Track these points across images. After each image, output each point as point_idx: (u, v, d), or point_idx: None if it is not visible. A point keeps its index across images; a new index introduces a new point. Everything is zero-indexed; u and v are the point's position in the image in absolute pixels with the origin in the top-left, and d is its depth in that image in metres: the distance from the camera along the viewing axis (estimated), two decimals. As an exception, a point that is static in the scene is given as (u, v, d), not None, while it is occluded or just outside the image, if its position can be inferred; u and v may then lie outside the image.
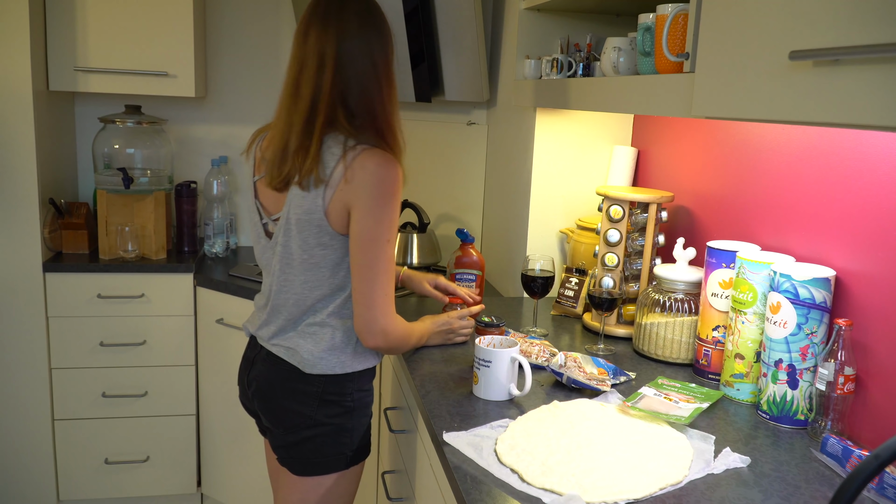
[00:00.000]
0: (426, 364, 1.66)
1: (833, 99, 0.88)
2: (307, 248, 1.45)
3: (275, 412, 1.53)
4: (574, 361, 1.61)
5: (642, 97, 1.44)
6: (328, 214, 1.41)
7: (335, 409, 1.50)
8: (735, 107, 1.09)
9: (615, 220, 1.88)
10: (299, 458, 1.53)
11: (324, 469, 1.53)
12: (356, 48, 1.42)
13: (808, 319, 1.37)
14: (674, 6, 1.33)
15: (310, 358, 1.48)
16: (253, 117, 2.97)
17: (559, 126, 2.24)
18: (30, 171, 2.41)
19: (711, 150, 1.86)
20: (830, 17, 0.88)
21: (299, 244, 1.45)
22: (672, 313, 1.71)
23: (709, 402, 1.48)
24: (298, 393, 1.50)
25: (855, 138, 1.38)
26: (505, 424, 1.35)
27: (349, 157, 1.39)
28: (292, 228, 1.45)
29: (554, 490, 1.13)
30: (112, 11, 2.51)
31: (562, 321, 2.06)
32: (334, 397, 1.50)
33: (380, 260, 1.42)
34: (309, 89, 1.42)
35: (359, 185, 1.39)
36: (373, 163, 1.39)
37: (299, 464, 1.53)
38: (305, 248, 1.45)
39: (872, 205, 1.34)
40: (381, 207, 1.40)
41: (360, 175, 1.38)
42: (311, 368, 1.48)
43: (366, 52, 1.42)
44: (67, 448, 2.59)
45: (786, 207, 1.57)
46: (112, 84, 2.56)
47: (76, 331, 2.52)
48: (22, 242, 2.44)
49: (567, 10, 2.14)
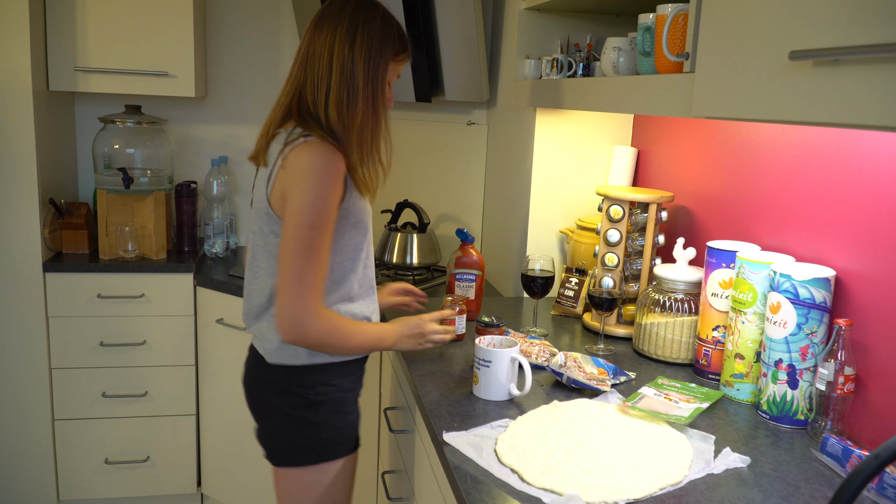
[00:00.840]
0: (426, 364, 1.65)
1: (833, 99, 0.88)
2: (262, 236, 1.49)
3: (250, 399, 1.59)
4: (574, 361, 1.61)
5: (642, 97, 1.44)
6: (271, 202, 1.44)
7: (298, 400, 1.50)
8: (735, 107, 1.09)
9: (615, 220, 1.88)
10: (271, 447, 1.57)
11: (293, 460, 1.54)
12: (319, 44, 1.45)
13: (808, 319, 1.37)
14: (674, 6, 1.33)
15: (269, 347, 1.50)
16: (253, 117, 2.97)
17: (559, 126, 2.24)
18: (30, 171, 2.41)
19: (711, 150, 1.86)
20: (830, 17, 0.88)
21: (257, 231, 1.50)
22: (672, 313, 1.71)
23: (709, 401, 1.48)
24: (266, 381, 1.54)
25: (855, 138, 1.38)
26: (505, 424, 1.35)
27: (289, 147, 1.41)
28: (253, 215, 1.52)
29: (554, 490, 1.13)
30: (112, 11, 2.51)
31: (562, 321, 2.06)
32: (297, 388, 1.50)
33: (297, 245, 1.38)
34: (287, 80, 1.51)
35: (291, 171, 1.40)
36: (307, 152, 1.39)
37: (271, 452, 1.57)
38: (261, 235, 1.49)
39: (872, 205, 1.34)
40: (305, 192, 1.38)
41: (294, 162, 1.40)
42: (270, 358, 1.50)
43: (329, 48, 1.44)
44: (67, 448, 2.59)
45: (786, 207, 1.57)
46: (112, 84, 2.56)
47: (76, 331, 2.52)
48: (22, 242, 2.44)
49: (567, 10, 2.14)
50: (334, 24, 1.45)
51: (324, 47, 1.44)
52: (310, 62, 1.46)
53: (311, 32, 1.48)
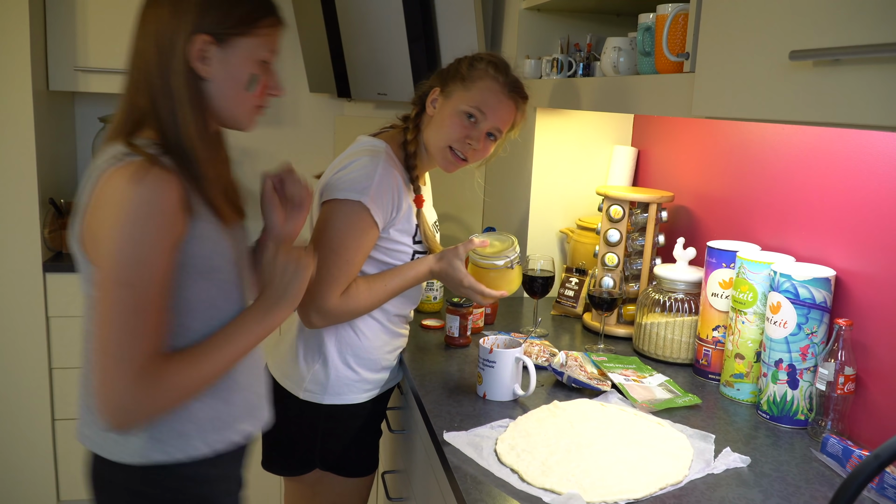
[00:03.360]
0: (426, 364, 1.65)
1: (833, 99, 0.88)
2: (84, 286, 1.13)
3: None
4: (575, 361, 1.62)
5: (642, 97, 1.44)
6: (83, 242, 1.08)
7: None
8: (735, 107, 1.09)
9: (615, 220, 1.88)
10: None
11: None
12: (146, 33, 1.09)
13: (808, 319, 1.37)
14: (674, 6, 1.33)
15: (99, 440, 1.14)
16: (253, 117, 2.97)
17: (559, 126, 2.24)
18: (30, 171, 2.41)
19: (711, 150, 1.86)
20: (830, 17, 0.88)
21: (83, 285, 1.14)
22: (672, 313, 1.71)
23: (632, 365, 1.57)
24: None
25: (855, 138, 1.38)
26: (505, 424, 1.35)
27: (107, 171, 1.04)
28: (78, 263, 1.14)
29: (554, 490, 1.13)
30: (112, 11, 2.51)
31: (562, 321, 2.06)
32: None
33: (108, 309, 1.01)
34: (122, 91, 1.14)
35: (99, 205, 1.04)
36: (118, 179, 1.01)
37: None
38: (83, 285, 1.14)
39: (872, 205, 1.34)
40: (114, 237, 1.01)
41: (101, 193, 1.04)
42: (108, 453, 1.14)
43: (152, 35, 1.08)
44: (67, 448, 2.59)
45: (786, 207, 1.57)
46: (112, 84, 2.56)
47: (76, 331, 2.52)
48: (22, 242, 2.44)
49: (567, 10, 2.14)
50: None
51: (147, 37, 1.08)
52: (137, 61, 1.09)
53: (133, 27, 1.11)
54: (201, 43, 1.07)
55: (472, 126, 1.54)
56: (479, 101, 1.53)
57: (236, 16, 1.09)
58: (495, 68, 1.56)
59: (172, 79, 1.06)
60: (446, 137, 1.55)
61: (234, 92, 1.12)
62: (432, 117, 1.58)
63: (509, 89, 1.56)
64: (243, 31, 1.10)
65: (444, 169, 1.60)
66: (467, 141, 1.55)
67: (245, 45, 1.11)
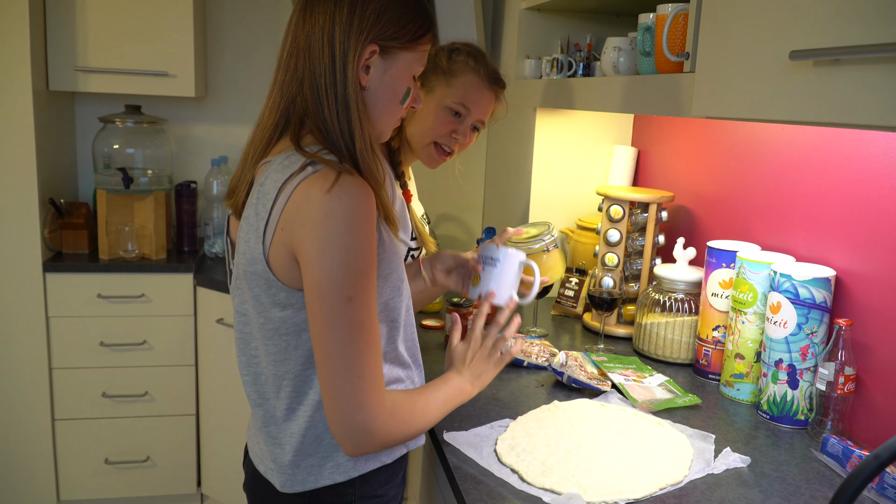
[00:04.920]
0: (426, 364, 1.65)
1: (833, 99, 0.88)
2: (260, 310, 1.07)
3: None
4: (575, 361, 1.62)
5: (642, 97, 1.44)
6: (270, 262, 1.02)
7: None
8: (735, 107, 1.09)
9: (615, 220, 1.88)
10: None
11: None
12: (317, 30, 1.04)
13: (808, 319, 1.37)
14: (674, 6, 1.33)
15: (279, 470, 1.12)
16: (253, 117, 2.94)
17: (559, 126, 2.24)
18: (30, 171, 2.41)
19: (711, 150, 1.86)
20: (830, 17, 0.88)
21: (251, 303, 1.09)
22: (672, 313, 1.71)
23: (632, 364, 1.56)
24: None
25: (855, 138, 1.38)
26: (505, 424, 1.35)
27: (293, 182, 0.99)
28: (238, 284, 1.12)
29: (554, 490, 1.13)
30: (112, 11, 2.51)
31: (562, 321, 2.06)
32: None
33: (336, 329, 0.98)
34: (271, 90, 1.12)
35: (302, 218, 0.98)
36: (318, 189, 0.97)
37: None
38: (258, 308, 1.07)
39: (872, 205, 1.34)
40: (328, 252, 0.96)
41: (304, 205, 0.98)
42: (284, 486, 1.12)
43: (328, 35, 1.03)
44: (67, 448, 2.59)
45: (786, 207, 1.57)
46: (112, 84, 2.56)
47: (76, 331, 2.52)
48: (22, 242, 2.44)
49: (567, 10, 2.14)
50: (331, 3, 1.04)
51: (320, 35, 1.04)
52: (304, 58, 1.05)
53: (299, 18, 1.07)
54: (369, 53, 1.06)
55: (457, 121, 1.55)
56: (462, 97, 1.53)
57: (410, 30, 1.08)
58: (475, 60, 1.55)
59: (349, 88, 1.04)
60: (432, 133, 1.54)
61: (389, 103, 1.11)
62: (415, 112, 1.55)
63: (490, 81, 1.56)
64: (408, 46, 1.09)
65: (428, 165, 1.60)
66: (453, 136, 1.55)
67: (406, 58, 1.10)
